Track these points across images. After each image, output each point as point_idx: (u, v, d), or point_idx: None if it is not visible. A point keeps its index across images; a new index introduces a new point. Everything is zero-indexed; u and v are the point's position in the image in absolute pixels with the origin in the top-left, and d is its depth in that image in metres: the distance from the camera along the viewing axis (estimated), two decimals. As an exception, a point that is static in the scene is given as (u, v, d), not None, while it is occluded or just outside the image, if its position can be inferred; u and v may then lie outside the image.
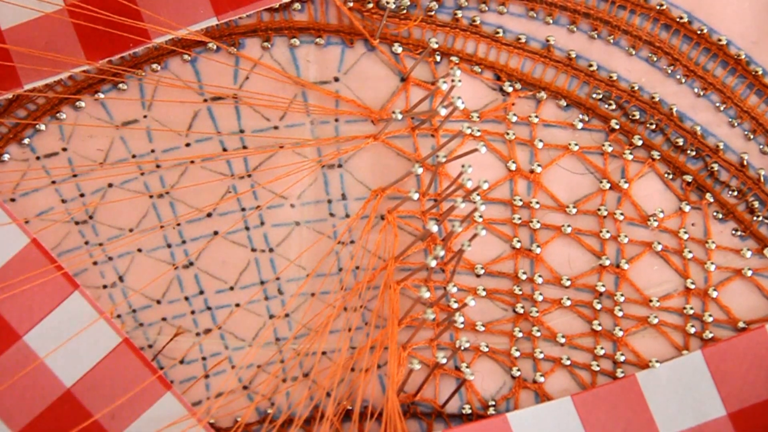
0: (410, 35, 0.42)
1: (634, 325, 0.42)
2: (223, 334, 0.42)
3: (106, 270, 0.42)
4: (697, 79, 0.42)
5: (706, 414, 0.41)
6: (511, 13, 0.42)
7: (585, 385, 0.42)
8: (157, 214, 0.42)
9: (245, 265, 0.42)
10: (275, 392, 0.42)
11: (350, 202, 0.42)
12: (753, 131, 0.42)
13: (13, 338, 0.40)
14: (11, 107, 0.41)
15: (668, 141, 0.42)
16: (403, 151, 0.42)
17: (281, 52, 0.42)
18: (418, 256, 0.42)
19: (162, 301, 0.42)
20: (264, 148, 0.42)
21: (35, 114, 0.41)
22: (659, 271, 0.42)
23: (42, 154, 0.42)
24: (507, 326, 0.43)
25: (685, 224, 0.42)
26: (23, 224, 0.41)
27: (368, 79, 0.42)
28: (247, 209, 0.42)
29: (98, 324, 0.41)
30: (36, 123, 0.41)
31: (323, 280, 0.42)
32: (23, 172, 0.41)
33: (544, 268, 0.42)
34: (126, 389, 0.41)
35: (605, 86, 0.42)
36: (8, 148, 0.41)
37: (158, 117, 0.42)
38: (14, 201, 0.41)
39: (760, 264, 0.42)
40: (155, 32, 0.40)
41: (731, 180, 0.42)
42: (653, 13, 0.42)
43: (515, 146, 0.42)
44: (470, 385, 0.42)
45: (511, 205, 0.42)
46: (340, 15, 0.42)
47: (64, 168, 0.42)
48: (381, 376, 0.42)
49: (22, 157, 0.41)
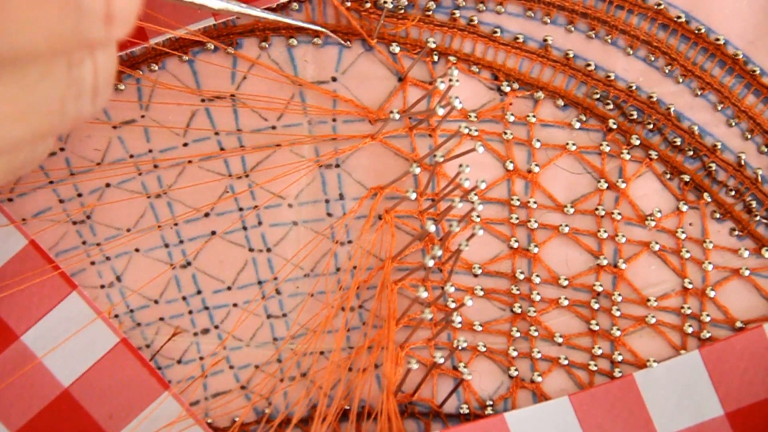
0: (408, 35, 0.42)
1: (632, 325, 0.42)
2: (220, 334, 0.42)
3: (103, 270, 0.42)
4: (694, 79, 0.42)
5: (704, 413, 0.41)
6: (508, 12, 0.42)
7: (583, 384, 0.42)
8: (155, 214, 0.42)
9: (243, 264, 0.42)
10: (273, 392, 0.42)
11: (348, 202, 0.42)
12: (751, 131, 0.42)
13: (10, 338, 0.40)
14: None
15: (666, 140, 0.42)
16: (400, 150, 0.42)
17: (279, 52, 0.42)
18: (415, 256, 0.42)
19: (160, 301, 0.42)
20: (261, 148, 0.42)
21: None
22: (657, 271, 0.42)
23: (39, 154, 0.42)
24: (505, 326, 0.43)
25: (682, 224, 0.42)
26: (21, 225, 0.41)
27: (366, 78, 0.42)
28: (244, 209, 0.42)
29: (96, 324, 0.41)
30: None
31: (319, 279, 0.42)
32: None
33: (541, 267, 0.42)
34: (124, 389, 0.41)
35: (603, 86, 0.42)
36: (6, 148, 0.41)
37: (156, 117, 0.42)
38: (12, 201, 0.41)
39: (757, 264, 0.42)
40: (153, 32, 0.40)
41: (729, 179, 0.42)
42: (651, 13, 0.42)
43: (513, 146, 0.42)
44: (468, 385, 0.42)
45: (509, 205, 0.42)
46: (337, 15, 0.42)
47: (62, 168, 0.42)
48: (378, 376, 0.43)
49: (19, 157, 0.41)
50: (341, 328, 0.42)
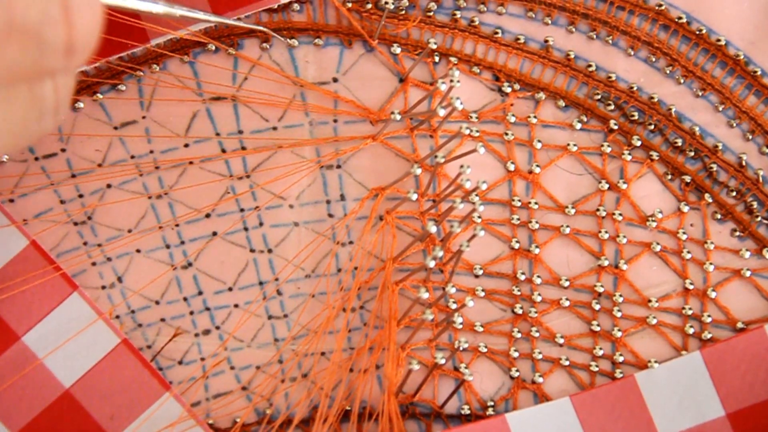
0: (409, 36, 0.42)
1: (633, 326, 0.42)
2: (221, 335, 0.42)
3: (104, 271, 0.42)
4: (695, 80, 0.42)
5: (705, 414, 0.41)
6: (509, 13, 0.42)
7: (584, 385, 0.42)
8: (156, 215, 0.42)
9: (244, 265, 0.42)
10: (274, 393, 0.42)
11: (349, 203, 0.42)
12: (752, 132, 0.42)
13: (12, 339, 0.40)
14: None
15: (667, 141, 0.42)
16: (401, 151, 0.42)
17: (280, 53, 0.42)
18: (416, 257, 0.42)
19: (161, 302, 0.42)
20: (263, 149, 0.42)
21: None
22: (658, 272, 0.42)
23: (40, 155, 0.42)
24: (506, 327, 0.43)
25: (683, 225, 0.42)
26: (22, 225, 0.41)
27: (367, 79, 0.42)
28: (245, 210, 0.42)
29: (97, 325, 0.41)
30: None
31: (320, 280, 0.42)
32: (22, 173, 0.41)
33: (542, 268, 0.42)
34: (125, 390, 0.41)
35: (604, 87, 0.42)
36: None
37: (157, 118, 0.42)
38: (13, 202, 0.41)
39: (758, 264, 0.42)
40: (154, 33, 0.40)
41: (730, 180, 0.42)
42: (652, 14, 0.42)
43: (514, 147, 0.42)
44: (469, 386, 0.42)
45: (510, 206, 0.42)
46: (338, 16, 0.42)
47: (63, 169, 0.42)
48: (380, 377, 0.43)
49: (20, 158, 0.41)
50: (342, 328, 0.42)
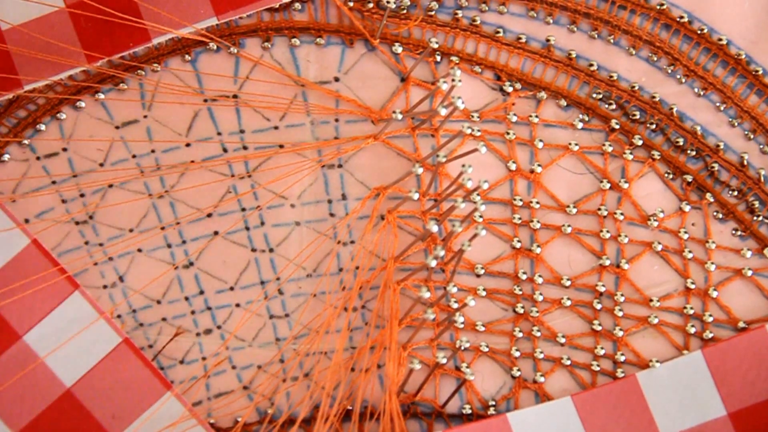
0: (410, 35, 0.42)
1: (635, 325, 0.42)
2: (223, 335, 0.42)
3: (106, 270, 0.42)
4: (697, 79, 0.42)
5: (707, 414, 0.41)
6: (511, 13, 0.42)
7: (585, 385, 0.42)
8: (158, 215, 0.42)
9: (245, 265, 0.42)
10: (275, 392, 0.42)
11: (350, 203, 0.42)
12: (753, 131, 0.42)
13: (13, 338, 0.40)
14: (11, 108, 0.41)
15: (668, 141, 0.42)
16: (403, 151, 0.42)
17: (281, 52, 0.42)
18: (418, 256, 0.42)
19: (162, 301, 0.42)
20: (264, 149, 0.42)
21: (35, 114, 0.41)
22: (659, 271, 0.42)
23: (42, 154, 0.42)
24: (507, 326, 0.43)
25: (685, 224, 0.42)
26: (23, 225, 0.41)
27: (368, 79, 0.42)
28: (247, 209, 0.42)
29: (98, 324, 0.41)
30: (36, 124, 0.41)
31: (321, 279, 0.42)
32: (23, 173, 0.41)
33: (544, 268, 0.42)
34: (126, 389, 0.41)
35: (605, 86, 0.42)
36: (8, 149, 0.41)
37: (158, 117, 0.42)
38: (14, 202, 0.41)
39: (760, 264, 0.42)
40: (155, 32, 0.40)
41: (731, 180, 0.42)
42: (653, 13, 0.42)
43: (515, 146, 0.42)
44: (470, 385, 0.42)
45: (511, 205, 0.42)
46: (340, 15, 0.42)
47: (65, 168, 0.42)
48: (381, 377, 0.43)
49: (22, 157, 0.41)
50: (344, 328, 0.42)
